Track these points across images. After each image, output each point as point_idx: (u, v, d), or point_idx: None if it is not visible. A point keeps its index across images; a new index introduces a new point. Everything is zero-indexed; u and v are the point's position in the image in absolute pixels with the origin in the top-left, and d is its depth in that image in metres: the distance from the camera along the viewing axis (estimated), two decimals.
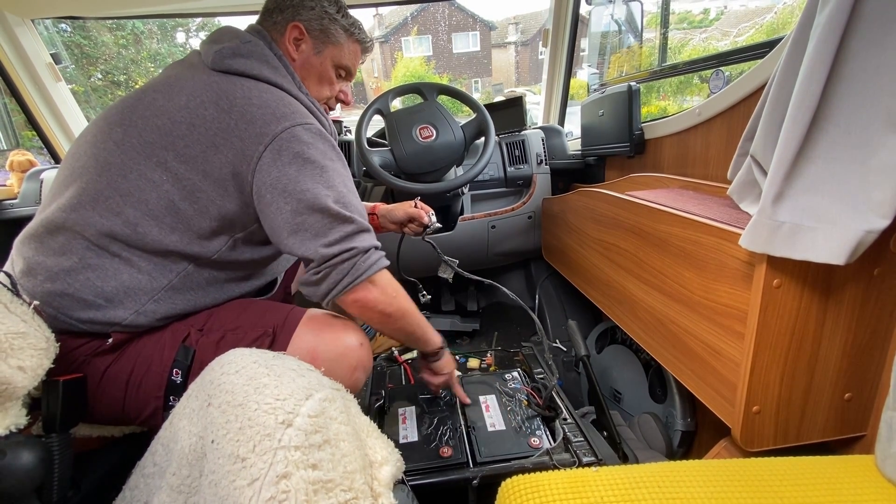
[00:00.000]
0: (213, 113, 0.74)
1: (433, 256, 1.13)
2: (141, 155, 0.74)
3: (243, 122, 0.73)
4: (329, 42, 0.90)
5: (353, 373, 0.82)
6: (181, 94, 0.75)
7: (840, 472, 0.56)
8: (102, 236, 0.73)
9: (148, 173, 0.73)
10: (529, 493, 0.56)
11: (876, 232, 0.56)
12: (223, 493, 0.49)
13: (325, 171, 0.76)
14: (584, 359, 1.15)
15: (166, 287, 0.76)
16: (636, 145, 1.38)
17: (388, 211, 1.16)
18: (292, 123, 0.75)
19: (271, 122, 0.74)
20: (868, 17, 0.55)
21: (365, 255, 0.78)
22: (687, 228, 0.81)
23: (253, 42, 0.82)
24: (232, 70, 0.78)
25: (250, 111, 0.74)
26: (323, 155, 0.76)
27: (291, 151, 0.74)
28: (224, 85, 0.76)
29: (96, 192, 0.73)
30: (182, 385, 0.75)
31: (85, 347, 0.74)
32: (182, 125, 0.73)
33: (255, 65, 0.79)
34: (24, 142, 1.84)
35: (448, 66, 20.17)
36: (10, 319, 0.57)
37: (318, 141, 0.77)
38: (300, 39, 0.88)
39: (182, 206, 0.75)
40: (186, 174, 0.74)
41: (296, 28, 0.87)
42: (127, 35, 9.29)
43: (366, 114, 1.36)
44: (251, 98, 0.75)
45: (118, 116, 0.77)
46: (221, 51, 0.79)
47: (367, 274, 0.77)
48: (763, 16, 3.16)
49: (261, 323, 0.81)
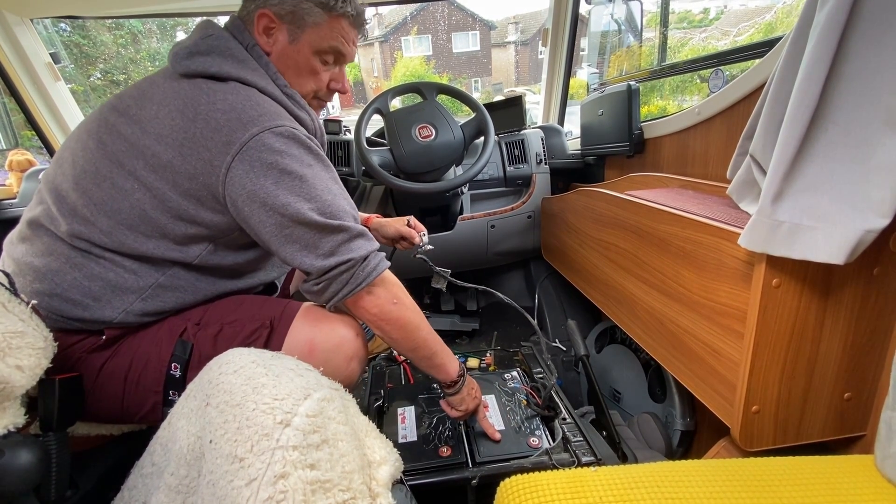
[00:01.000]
0: (179, 122, 0.70)
1: (426, 266, 1.13)
2: (113, 164, 0.72)
3: (208, 131, 0.69)
4: (305, 26, 0.79)
5: (350, 363, 0.82)
6: (151, 104, 0.73)
7: (839, 472, 0.56)
8: (82, 241, 0.73)
9: (119, 182, 0.72)
10: (528, 493, 0.56)
11: (875, 231, 0.56)
12: (221, 493, 0.49)
13: (303, 180, 0.71)
14: (583, 358, 1.15)
15: (153, 285, 0.76)
16: (636, 145, 1.38)
17: (381, 226, 1.13)
18: (260, 129, 0.69)
19: (237, 128, 0.69)
20: (867, 16, 0.55)
21: (363, 264, 0.76)
22: (686, 228, 0.81)
23: (215, 35, 0.76)
24: (191, 72, 0.73)
25: (215, 117, 0.70)
26: (299, 162, 0.72)
27: (264, 162, 0.69)
28: (189, 91, 0.72)
29: (73, 201, 0.73)
30: (181, 379, 0.75)
31: (80, 345, 0.74)
32: (151, 135, 0.71)
33: (215, 61, 0.73)
34: (23, 141, 1.83)
35: (448, 65, 20.17)
36: (8, 319, 0.57)
37: (290, 146, 0.71)
38: (272, 27, 0.79)
39: (154, 214, 0.73)
40: (156, 183, 0.72)
41: (264, 16, 0.77)
42: (126, 34, 9.29)
43: (365, 113, 1.36)
44: (215, 103, 0.70)
45: (95, 124, 0.76)
46: (179, 52, 0.74)
47: (366, 282, 0.76)
48: (763, 15, 3.15)
49: (258, 316, 0.80)
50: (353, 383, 0.84)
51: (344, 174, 1.63)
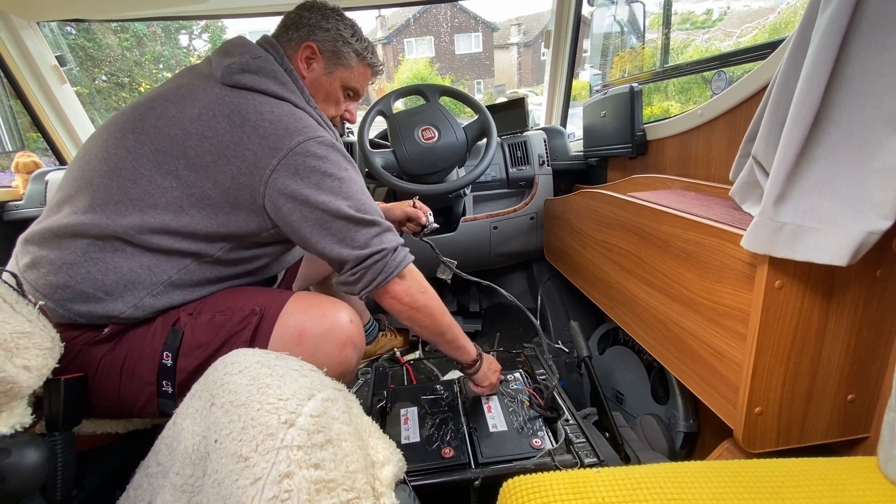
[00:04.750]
0: (225, 126, 0.76)
1: (432, 257, 1.13)
2: (152, 162, 0.76)
3: (256, 137, 0.76)
4: (340, 64, 0.93)
5: (343, 349, 0.82)
6: (194, 106, 0.78)
7: (842, 474, 0.56)
8: (108, 236, 0.75)
9: (158, 180, 0.76)
10: (531, 494, 0.56)
11: (878, 233, 0.56)
12: (226, 492, 0.49)
13: (342, 182, 0.79)
14: (586, 360, 1.15)
15: (165, 283, 0.78)
16: (638, 146, 1.38)
17: (387, 210, 1.16)
18: (305, 137, 0.77)
19: (284, 136, 0.76)
20: (870, 18, 0.55)
21: (394, 254, 0.82)
22: (689, 229, 0.81)
23: (263, 58, 0.84)
24: (240, 85, 0.80)
25: (263, 126, 0.77)
26: (338, 167, 0.80)
27: (308, 166, 0.77)
28: (236, 99, 0.78)
29: (106, 195, 0.75)
30: (172, 368, 0.77)
31: (81, 338, 0.75)
32: (194, 136, 0.76)
33: (263, 81, 0.82)
34: (29, 143, 1.85)
35: (450, 67, 20.20)
36: (15, 319, 0.58)
37: (331, 153, 0.79)
38: (312, 59, 0.90)
39: (190, 211, 0.77)
40: (196, 182, 0.76)
41: (309, 48, 0.89)
42: (131, 37, 9.34)
43: (368, 115, 1.37)
44: (262, 113, 0.78)
45: (130, 123, 0.79)
46: (231, 66, 0.81)
47: (397, 270, 0.82)
48: (766, 16, 3.14)
49: (249, 304, 0.82)
50: (349, 371, 0.85)
51: None
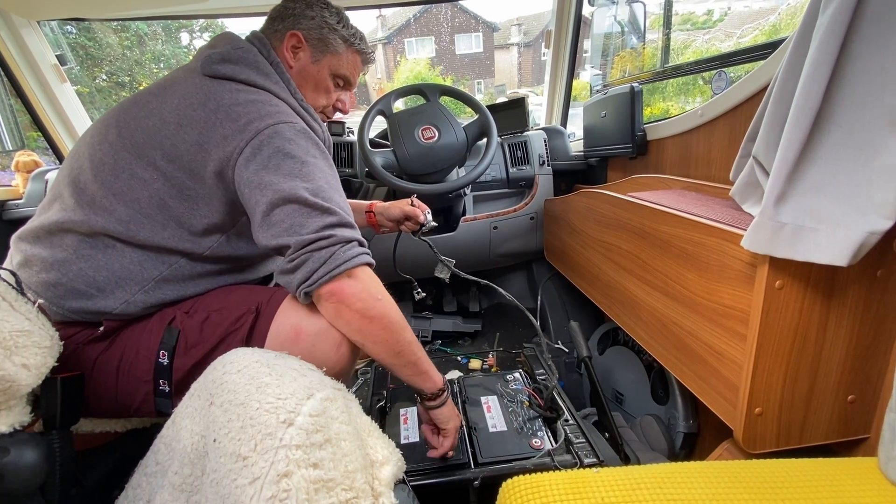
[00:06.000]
0: (200, 114, 0.75)
1: (430, 256, 1.13)
2: (132, 154, 0.76)
3: (228, 121, 0.74)
4: (327, 51, 0.91)
5: (339, 348, 0.76)
6: (173, 96, 0.77)
7: (843, 475, 0.56)
8: (96, 233, 0.75)
9: (139, 172, 0.75)
10: (530, 494, 0.56)
11: (879, 233, 0.56)
12: (225, 491, 0.49)
13: (305, 165, 0.74)
14: (585, 360, 1.15)
15: (157, 278, 0.78)
16: (638, 146, 1.38)
17: (385, 208, 1.16)
18: (276, 121, 0.75)
19: (255, 119, 0.74)
20: (870, 18, 0.55)
21: (346, 245, 0.73)
22: (689, 230, 0.81)
23: (244, 48, 0.83)
24: (219, 75, 0.79)
25: (236, 110, 0.75)
26: (304, 151, 0.75)
27: (272, 146, 0.73)
28: (214, 88, 0.77)
29: (92, 191, 0.76)
30: (168, 367, 0.75)
31: (77, 336, 0.75)
32: (171, 125, 0.75)
33: (244, 70, 0.81)
34: (29, 142, 1.85)
35: (451, 67, 20.18)
36: (14, 317, 0.58)
37: (300, 138, 0.76)
38: (298, 47, 0.89)
39: (172, 203, 0.76)
40: (174, 172, 0.75)
41: (294, 36, 0.88)
42: (131, 36, 9.34)
43: (368, 115, 1.36)
44: (238, 100, 0.76)
45: (114, 119, 0.79)
46: (210, 56, 0.80)
47: (346, 265, 0.71)
48: (767, 17, 3.15)
49: (245, 302, 0.80)
50: (346, 371, 0.80)
51: (347, 175, 1.64)
